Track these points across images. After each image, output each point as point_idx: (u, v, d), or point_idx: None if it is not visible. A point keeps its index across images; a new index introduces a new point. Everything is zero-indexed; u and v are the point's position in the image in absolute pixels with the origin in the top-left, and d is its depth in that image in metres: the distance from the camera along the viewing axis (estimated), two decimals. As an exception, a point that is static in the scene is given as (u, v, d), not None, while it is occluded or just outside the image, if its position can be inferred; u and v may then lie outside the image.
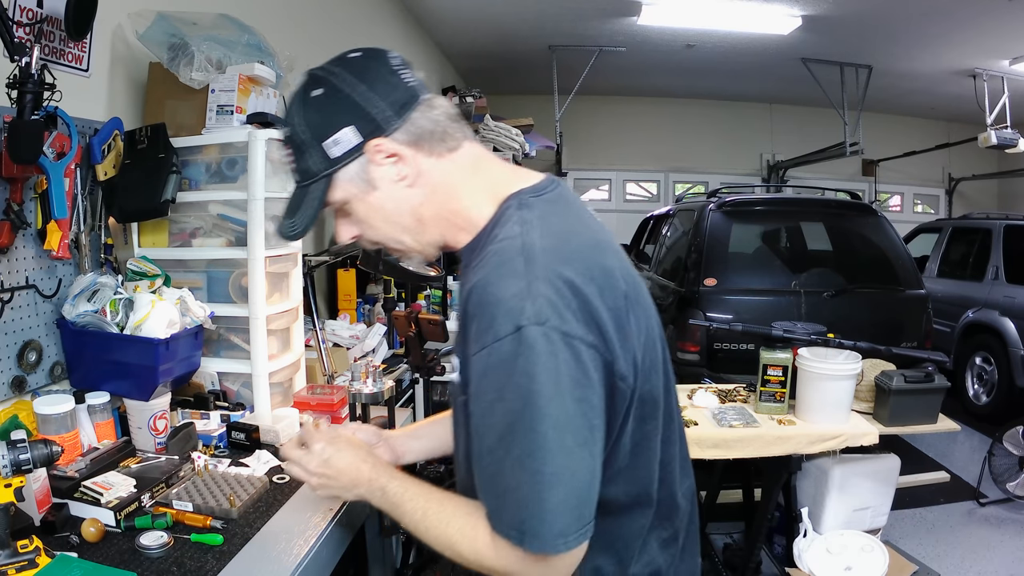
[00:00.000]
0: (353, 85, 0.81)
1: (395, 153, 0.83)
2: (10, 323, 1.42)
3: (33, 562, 1.03)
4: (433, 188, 0.86)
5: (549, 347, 0.72)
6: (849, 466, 2.29)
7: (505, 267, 0.76)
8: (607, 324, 0.77)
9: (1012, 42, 5.62)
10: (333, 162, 0.83)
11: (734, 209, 4.19)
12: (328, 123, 0.81)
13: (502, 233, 0.81)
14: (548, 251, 0.77)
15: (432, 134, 0.84)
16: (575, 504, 0.75)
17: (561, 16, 5.54)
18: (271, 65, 1.89)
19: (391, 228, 0.88)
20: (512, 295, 0.74)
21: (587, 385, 0.75)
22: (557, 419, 0.73)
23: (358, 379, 1.48)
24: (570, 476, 0.74)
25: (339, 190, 0.85)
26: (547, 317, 0.73)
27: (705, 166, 9.56)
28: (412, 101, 0.83)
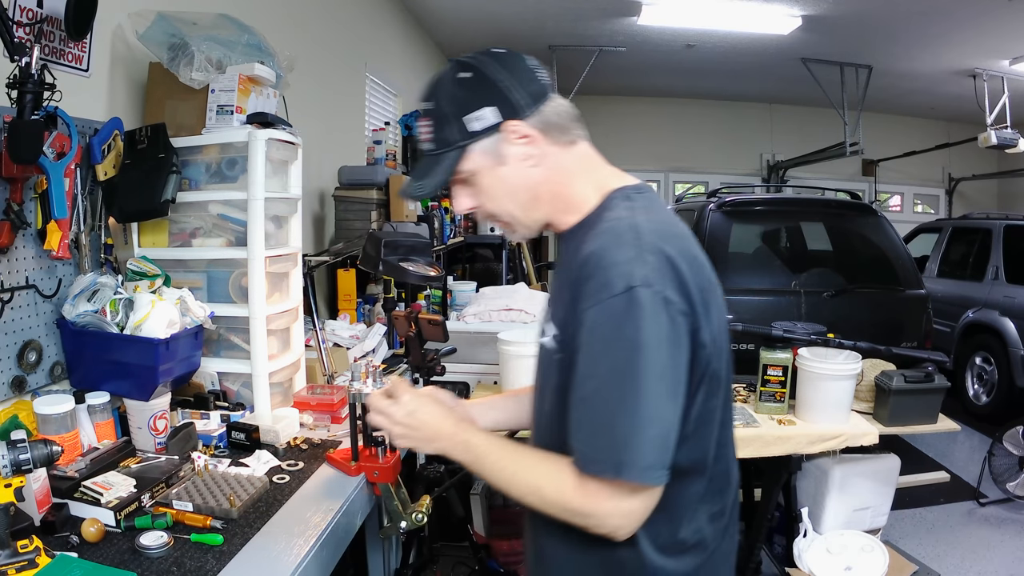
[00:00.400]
0: (498, 72, 0.93)
1: (527, 135, 0.94)
2: (10, 323, 1.42)
3: (33, 562, 1.03)
4: (552, 171, 0.97)
5: (654, 307, 0.83)
6: (849, 466, 2.29)
7: (619, 239, 0.87)
8: (696, 298, 0.87)
9: (1012, 42, 5.62)
10: (471, 135, 0.94)
11: (734, 209, 4.19)
12: (473, 101, 0.93)
13: (611, 215, 0.93)
14: (653, 231, 0.89)
15: (557, 126, 0.96)
16: (663, 446, 0.85)
17: (561, 16, 5.54)
18: (271, 65, 1.88)
19: (508, 201, 0.99)
20: (625, 260, 0.85)
21: (680, 346, 0.85)
22: (656, 370, 0.83)
23: (358, 379, 1.47)
24: (661, 420, 0.85)
25: (471, 161, 0.96)
26: (653, 281, 0.83)
27: (705, 166, 9.56)
28: (544, 95, 0.95)
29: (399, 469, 1.45)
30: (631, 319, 0.83)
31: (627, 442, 0.84)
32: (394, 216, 3.39)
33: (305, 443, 1.69)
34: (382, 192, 3.37)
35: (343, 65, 3.86)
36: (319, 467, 1.55)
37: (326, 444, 1.69)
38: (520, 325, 2.88)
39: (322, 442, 1.71)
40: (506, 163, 0.95)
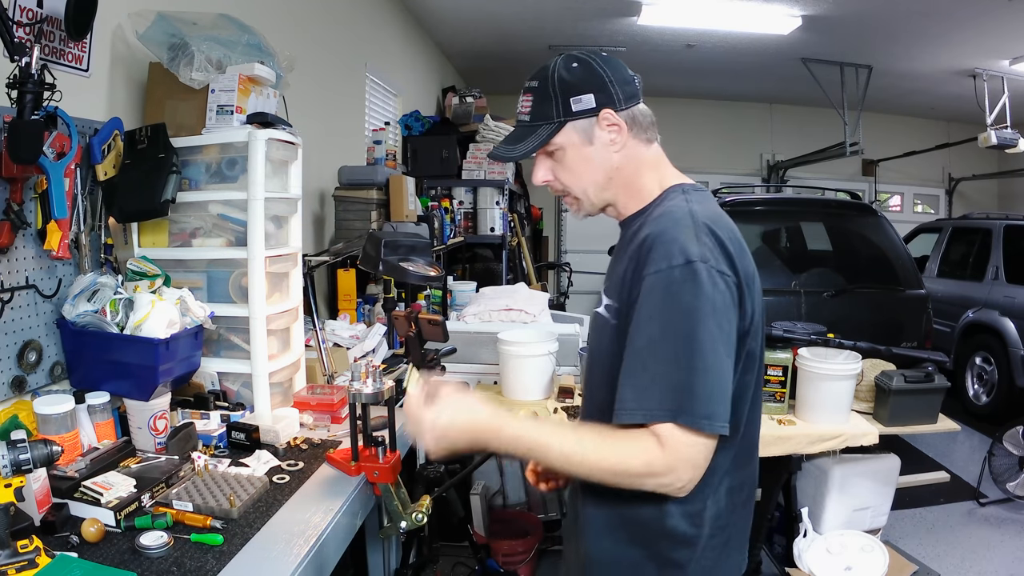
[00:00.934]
0: (603, 68, 1.06)
1: (617, 124, 1.07)
2: (10, 323, 1.42)
3: (33, 562, 1.03)
4: (629, 160, 1.09)
5: (710, 279, 0.94)
6: (849, 466, 2.29)
7: (678, 222, 0.99)
8: (742, 275, 0.99)
9: (1012, 42, 5.61)
10: (573, 113, 1.05)
11: (734, 209, 4.19)
12: (578, 86, 1.05)
13: (670, 205, 1.05)
14: (709, 218, 1.01)
15: (640, 124, 1.10)
16: (721, 398, 0.93)
17: (561, 16, 5.53)
18: (271, 65, 1.88)
19: (585, 177, 1.10)
20: (685, 238, 0.96)
21: (733, 311, 0.96)
22: (712, 332, 0.93)
23: (358, 379, 1.47)
24: (717, 375, 0.93)
25: (564, 135, 1.07)
26: (708, 258, 0.95)
27: (705, 166, 9.55)
28: (636, 97, 1.10)
29: (399, 469, 1.45)
30: (689, 287, 0.93)
31: (684, 391, 0.91)
32: (394, 216, 3.39)
33: (305, 443, 1.69)
34: (382, 192, 3.37)
35: (343, 65, 3.86)
36: (319, 467, 1.55)
37: (326, 444, 1.69)
38: (520, 325, 2.88)
39: (322, 442, 1.71)
40: (593, 144, 1.07)
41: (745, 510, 1.12)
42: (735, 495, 1.07)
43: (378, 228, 3.25)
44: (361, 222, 3.22)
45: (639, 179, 1.11)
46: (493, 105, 5.65)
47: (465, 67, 7.50)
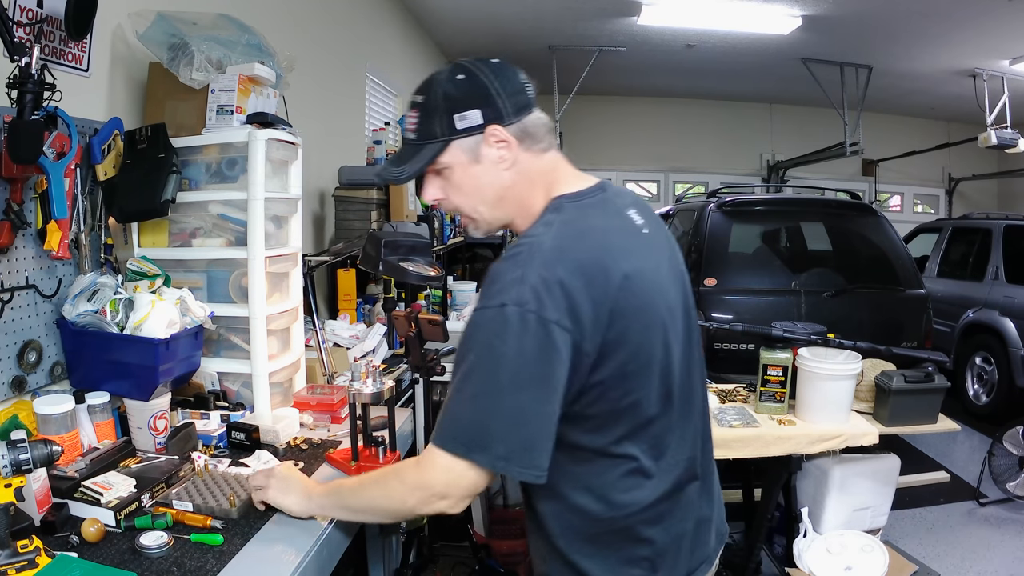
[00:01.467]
0: (491, 80, 1.01)
1: (505, 140, 1.02)
2: (10, 323, 1.42)
3: (33, 562, 1.03)
4: (519, 176, 1.05)
5: (522, 324, 0.90)
6: (849, 466, 2.29)
7: (516, 259, 0.95)
8: (584, 311, 0.93)
9: (1012, 42, 5.62)
10: (457, 132, 1.01)
11: (734, 209, 4.18)
12: (463, 102, 1.00)
13: (530, 231, 1.01)
14: (553, 250, 0.95)
15: (533, 136, 1.04)
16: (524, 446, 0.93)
17: (561, 16, 5.54)
18: (271, 65, 1.88)
19: (476, 198, 1.06)
20: (510, 280, 0.93)
21: (554, 358, 0.92)
22: (516, 377, 0.91)
23: (358, 379, 1.47)
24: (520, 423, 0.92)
25: (450, 154, 1.03)
26: (527, 302, 0.91)
27: (705, 166, 9.56)
28: (528, 107, 1.04)
29: (399, 469, 1.45)
30: (495, 329, 0.92)
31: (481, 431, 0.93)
32: (394, 216, 3.39)
33: (305, 443, 1.69)
34: (382, 192, 3.36)
35: (343, 65, 3.86)
36: (319, 467, 1.55)
37: (326, 444, 1.69)
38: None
39: (322, 442, 1.71)
40: (481, 162, 1.03)
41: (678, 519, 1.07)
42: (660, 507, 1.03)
43: (378, 228, 3.25)
44: (361, 222, 3.21)
45: (531, 196, 1.06)
46: (493, 105, 5.64)
47: (465, 67, 7.49)
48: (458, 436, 0.94)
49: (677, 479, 1.06)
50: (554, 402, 0.93)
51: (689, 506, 1.08)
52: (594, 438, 0.99)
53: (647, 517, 1.02)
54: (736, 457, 2.16)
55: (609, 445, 1.00)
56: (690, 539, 1.08)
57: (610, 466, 1.01)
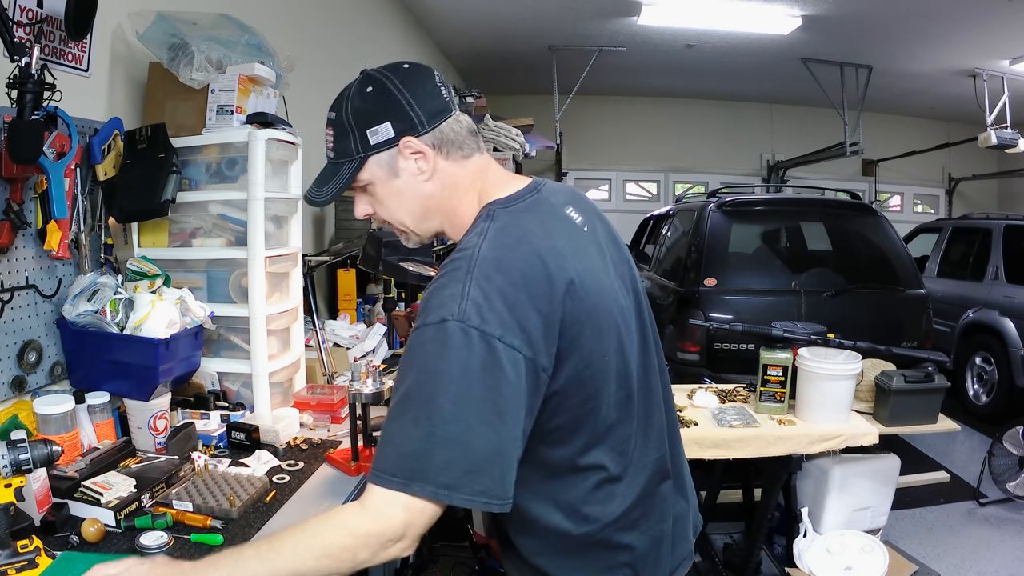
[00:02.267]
0: (400, 90, 0.97)
1: (420, 151, 0.98)
2: (10, 323, 1.42)
3: (33, 562, 1.03)
4: (442, 186, 1.01)
5: (464, 340, 0.84)
6: (849, 466, 2.29)
7: (453, 273, 0.90)
8: (533, 323, 0.88)
9: (1012, 42, 5.62)
10: (370, 147, 0.99)
11: (734, 209, 4.18)
12: (373, 116, 0.98)
13: (464, 242, 0.95)
14: (490, 260, 0.90)
15: (452, 142, 1.00)
16: (467, 469, 0.84)
17: (561, 16, 5.54)
18: (271, 65, 1.88)
19: (401, 211, 1.04)
20: (448, 295, 0.87)
21: (500, 376, 0.85)
22: (458, 396, 0.84)
23: (358, 379, 1.48)
24: (463, 444, 0.84)
25: (368, 171, 1.01)
26: (469, 317, 0.85)
27: (705, 166, 9.56)
28: (444, 113, 1.00)
29: (399, 469, 1.45)
30: (435, 348, 0.85)
31: (419, 460, 0.83)
32: (394, 216, 3.38)
33: (305, 443, 1.69)
34: (382, 192, 3.36)
35: (343, 65, 3.85)
36: (319, 467, 1.55)
37: (326, 444, 1.69)
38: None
39: (322, 442, 1.71)
40: (399, 176, 1.00)
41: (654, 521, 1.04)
42: (632, 514, 1.01)
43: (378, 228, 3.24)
44: (361, 222, 3.21)
45: (458, 204, 1.02)
46: (493, 105, 5.65)
47: (465, 67, 7.50)
48: (398, 468, 0.84)
49: (648, 481, 1.03)
50: (507, 423, 0.86)
51: (664, 506, 1.06)
52: (558, 451, 0.95)
53: (623, 524, 0.99)
54: (736, 457, 2.16)
55: (575, 457, 0.96)
56: (669, 538, 1.07)
57: (579, 480, 0.97)
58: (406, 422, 0.85)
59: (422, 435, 0.84)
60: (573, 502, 0.97)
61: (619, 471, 0.99)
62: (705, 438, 2.13)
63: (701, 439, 2.12)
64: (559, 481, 0.97)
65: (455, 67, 7.40)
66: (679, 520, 1.11)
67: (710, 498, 2.81)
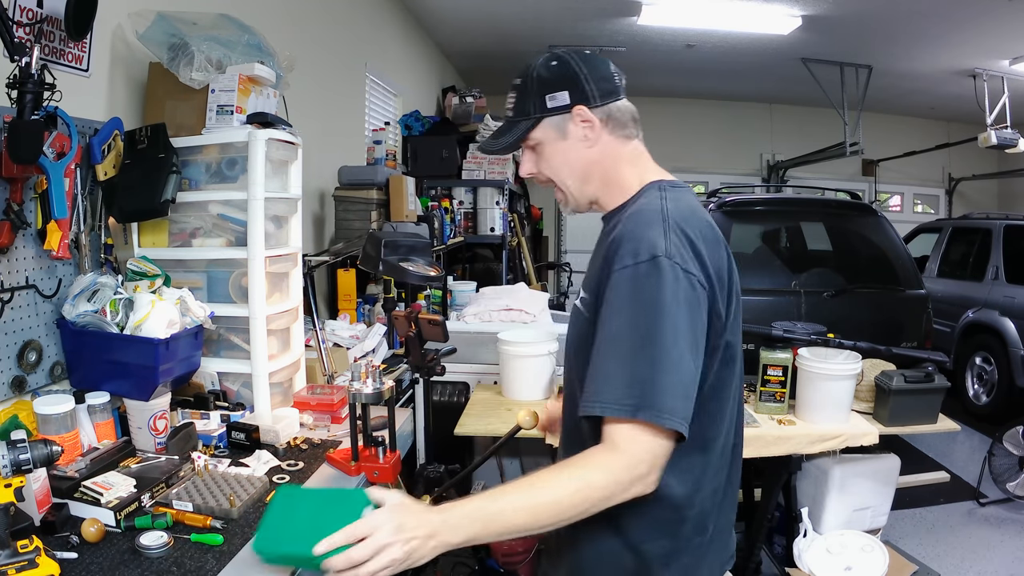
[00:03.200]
0: (580, 66, 1.09)
1: (589, 120, 1.09)
2: (10, 323, 1.42)
3: (33, 562, 1.03)
4: (604, 156, 1.12)
5: (674, 275, 0.94)
6: (849, 466, 2.30)
7: (649, 219, 1.01)
8: (712, 272, 0.99)
9: (1012, 42, 5.61)
10: (547, 110, 1.10)
11: (734, 209, 4.18)
12: (554, 83, 1.09)
13: (645, 201, 1.06)
14: (678, 216, 1.01)
15: (617, 120, 1.11)
16: (682, 393, 0.93)
17: (561, 16, 5.53)
18: (271, 65, 1.88)
19: (564, 172, 1.13)
20: (653, 235, 0.97)
21: (698, 309, 0.96)
22: (675, 326, 0.93)
23: (358, 379, 1.47)
24: (680, 370, 0.93)
25: (541, 131, 1.11)
26: (675, 254, 0.95)
27: (705, 166, 9.56)
28: (614, 94, 1.11)
29: (399, 469, 1.45)
30: (654, 281, 0.94)
31: (646, 385, 0.91)
32: (394, 216, 3.39)
33: (305, 443, 1.69)
34: (382, 192, 3.37)
35: (343, 65, 3.86)
36: (319, 467, 1.55)
37: (326, 444, 1.69)
38: (520, 325, 2.88)
39: (322, 442, 1.71)
40: (567, 139, 1.11)
41: (729, 508, 1.14)
42: (718, 495, 1.08)
43: (378, 228, 3.25)
44: (361, 222, 3.22)
45: (618, 175, 1.13)
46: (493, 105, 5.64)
47: (465, 67, 7.50)
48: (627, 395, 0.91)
49: (731, 467, 1.11)
50: (699, 356, 0.96)
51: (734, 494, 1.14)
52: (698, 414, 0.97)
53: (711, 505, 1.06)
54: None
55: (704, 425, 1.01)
56: (728, 533, 1.14)
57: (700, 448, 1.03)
58: (629, 353, 0.93)
59: (648, 361, 0.91)
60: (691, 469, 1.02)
61: (721, 447, 1.06)
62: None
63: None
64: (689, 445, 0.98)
65: (455, 67, 7.40)
66: (732, 519, 1.17)
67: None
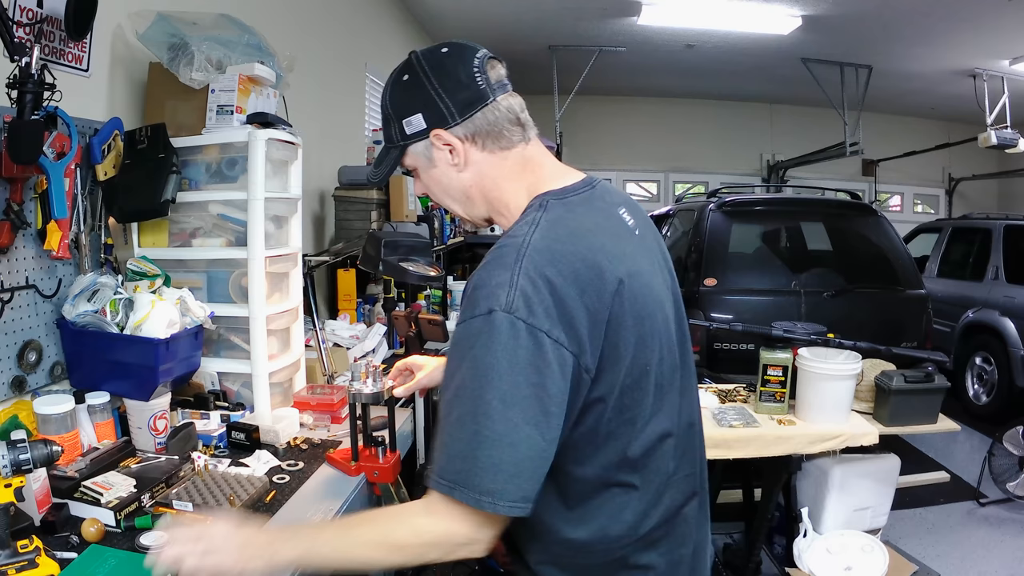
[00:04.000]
0: (430, 80, 0.96)
1: (449, 143, 0.97)
2: (10, 323, 1.42)
3: (33, 562, 1.03)
4: (480, 176, 1.00)
5: (512, 332, 0.82)
6: (849, 466, 2.29)
7: (500, 261, 0.87)
8: (580, 321, 0.85)
9: (1012, 42, 5.62)
10: (407, 137, 1.00)
11: (734, 209, 4.19)
12: (407, 106, 0.98)
13: (514, 230, 0.93)
14: (541, 251, 0.86)
15: (488, 133, 0.97)
16: (511, 472, 0.81)
17: (561, 16, 5.54)
18: (271, 65, 1.88)
19: (445, 197, 1.05)
20: (495, 284, 0.84)
21: (546, 373, 0.82)
22: (505, 393, 0.81)
23: (358, 379, 1.47)
24: (509, 445, 0.81)
25: (410, 158, 1.03)
26: (517, 308, 0.82)
27: (705, 166, 9.56)
28: (478, 101, 0.96)
29: (399, 469, 1.45)
30: (483, 340, 0.82)
31: (465, 462, 0.82)
32: (394, 216, 3.39)
33: (305, 443, 1.69)
34: (382, 192, 3.36)
35: (343, 65, 3.86)
36: (319, 467, 1.55)
37: (326, 444, 1.69)
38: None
39: (322, 442, 1.71)
40: (436, 166, 1.01)
41: (684, 533, 1.01)
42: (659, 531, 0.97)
43: (378, 228, 3.25)
44: (361, 222, 3.21)
45: (502, 194, 1.00)
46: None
47: (465, 67, 7.49)
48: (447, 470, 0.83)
49: (673, 500, 0.99)
50: (551, 425, 0.83)
51: (687, 528, 1.02)
52: (586, 461, 0.91)
53: (644, 544, 0.96)
54: (736, 457, 2.16)
55: (602, 469, 0.92)
56: (688, 564, 1.01)
57: (604, 493, 0.93)
58: (454, 421, 0.84)
59: (469, 435, 0.82)
60: (595, 515, 0.93)
61: (647, 487, 0.95)
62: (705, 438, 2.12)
63: (701, 439, 2.12)
64: (584, 493, 0.93)
65: (455, 67, 7.39)
66: (700, 548, 1.05)
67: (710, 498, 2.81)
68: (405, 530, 0.87)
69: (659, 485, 0.96)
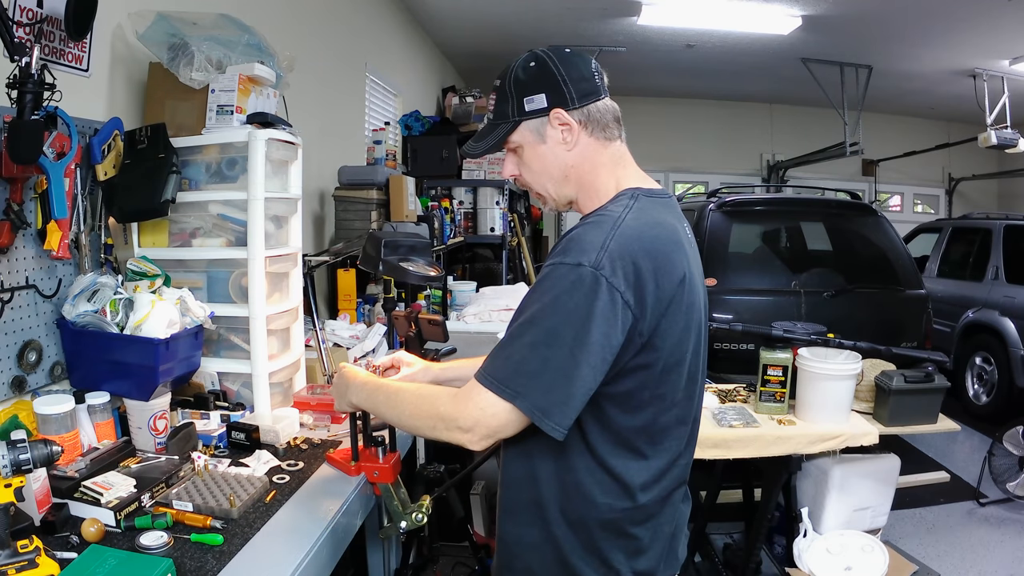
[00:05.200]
0: (558, 67, 1.09)
1: (567, 123, 1.09)
2: (10, 323, 1.42)
3: (33, 562, 1.03)
4: (583, 158, 1.12)
5: (594, 285, 0.95)
6: (849, 466, 2.29)
7: (599, 226, 1.01)
8: (649, 293, 0.98)
9: (1012, 42, 5.62)
10: (525, 113, 1.10)
11: (734, 209, 4.19)
12: (531, 86, 1.09)
13: (608, 208, 1.06)
14: (632, 229, 1.00)
15: (598, 122, 1.11)
16: (563, 400, 0.96)
17: (561, 16, 5.54)
18: (271, 65, 1.88)
19: (543, 175, 1.14)
20: (589, 242, 0.98)
21: (613, 324, 0.96)
22: (578, 336, 0.95)
23: (358, 379, 1.47)
24: (569, 378, 0.95)
25: (519, 134, 1.12)
26: (603, 266, 0.95)
27: (705, 166, 9.56)
28: (595, 94, 1.11)
29: (399, 469, 1.45)
30: (567, 286, 0.96)
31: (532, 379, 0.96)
32: (394, 216, 3.39)
33: (305, 443, 1.69)
34: (382, 192, 3.37)
35: (343, 65, 3.86)
36: (319, 467, 1.55)
37: (326, 444, 1.69)
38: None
39: (322, 442, 1.70)
40: (546, 142, 1.11)
41: (671, 515, 1.14)
42: (661, 503, 1.10)
43: (378, 228, 3.25)
44: (361, 222, 3.22)
45: (595, 178, 1.13)
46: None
47: (465, 67, 7.50)
48: (508, 380, 0.96)
49: (673, 481, 1.11)
50: (601, 371, 0.97)
51: (673, 509, 1.13)
52: (625, 417, 1.03)
53: (642, 515, 1.07)
54: (736, 457, 2.16)
55: (632, 430, 1.04)
56: (667, 541, 1.13)
57: (623, 451, 1.04)
58: (526, 344, 0.97)
59: (540, 359, 0.95)
60: (610, 467, 1.04)
61: (655, 460, 1.06)
62: (705, 438, 2.13)
63: (701, 439, 2.08)
64: (608, 443, 1.04)
65: (455, 67, 7.40)
66: (678, 531, 1.17)
67: (710, 498, 2.81)
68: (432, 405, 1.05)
69: (665, 463, 1.08)
